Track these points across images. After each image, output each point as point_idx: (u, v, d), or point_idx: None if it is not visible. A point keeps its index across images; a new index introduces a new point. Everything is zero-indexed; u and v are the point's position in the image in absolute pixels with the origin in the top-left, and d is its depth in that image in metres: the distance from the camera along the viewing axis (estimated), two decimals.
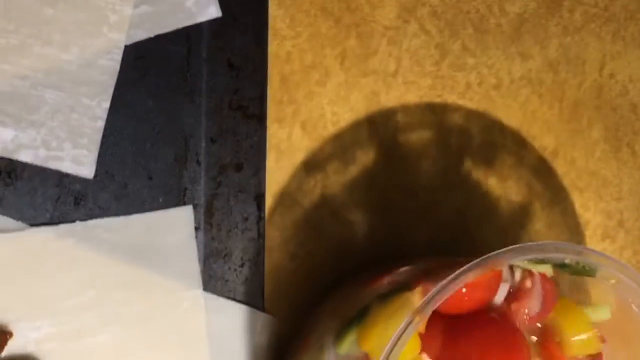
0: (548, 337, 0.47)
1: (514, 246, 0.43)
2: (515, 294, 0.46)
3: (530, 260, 0.46)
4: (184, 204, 0.50)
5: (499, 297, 0.46)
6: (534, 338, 0.47)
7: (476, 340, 0.45)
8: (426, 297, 0.41)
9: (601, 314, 0.47)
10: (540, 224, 0.57)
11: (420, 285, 0.44)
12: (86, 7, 0.48)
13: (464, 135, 0.55)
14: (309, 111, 0.53)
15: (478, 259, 0.42)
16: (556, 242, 0.46)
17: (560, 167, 0.57)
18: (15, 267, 0.48)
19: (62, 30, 0.48)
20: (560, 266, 0.46)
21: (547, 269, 0.47)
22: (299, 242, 0.52)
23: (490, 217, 0.56)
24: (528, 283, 0.46)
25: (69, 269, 0.48)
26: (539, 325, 0.47)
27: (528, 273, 0.46)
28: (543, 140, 0.57)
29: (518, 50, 0.56)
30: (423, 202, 0.54)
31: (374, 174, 0.54)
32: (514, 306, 0.46)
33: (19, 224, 0.48)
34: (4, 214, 0.48)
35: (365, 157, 0.53)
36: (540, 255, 0.44)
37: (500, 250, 0.42)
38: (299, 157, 0.53)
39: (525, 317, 0.46)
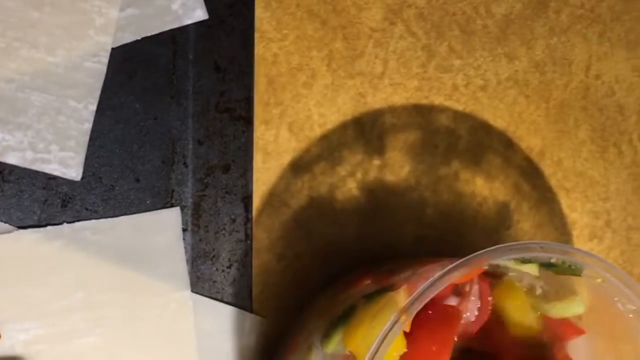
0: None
1: (499, 246, 0.43)
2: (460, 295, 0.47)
3: (516, 260, 0.46)
4: (172, 205, 0.50)
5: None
6: None
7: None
8: (412, 296, 0.41)
9: (575, 307, 0.47)
10: (527, 224, 0.57)
11: (405, 285, 0.44)
12: (72, 10, 0.48)
13: (451, 136, 0.56)
14: (296, 113, 0.53)
15: (463, 259, 0.42)
16: (542, 242, 0.46)
17: (547, 167, 0.57)
18: (3, 270, 0.48)
19: (48, 34, 0.48)
20: (546, 265, 0.47)
21: (533, 269, 0.47)
22: (287, 243, 0.53)
23: (477, 218, 0.56)
24: (467, 287, 0.46)
25: (57, 271, 0.48)
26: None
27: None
28: (530, 140, 0.57)
29: (504, 51, 0.57)
30: (410, 203, 0.55)
31: (361, 175, 0.54)
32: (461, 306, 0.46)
33: (6, 226, 0.48)
34: None
35: (352, 158, 0.54)
36: (526, 255, 0.44)
37: (485, 250, 0.43)
38: (286, 158, 0.53)
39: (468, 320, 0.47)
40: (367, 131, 0.54)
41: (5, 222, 0.48)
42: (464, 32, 0.56)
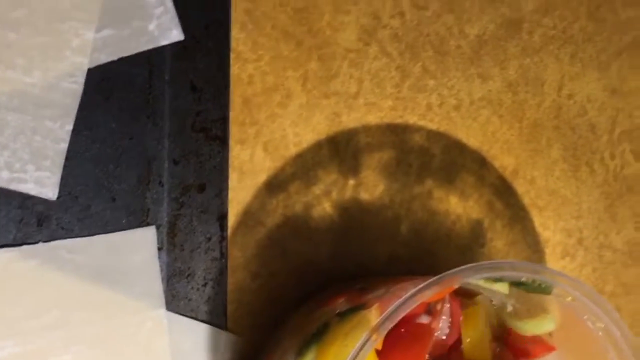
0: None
1: (470, 265, 0.43)
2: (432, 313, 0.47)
3: (487, 279, 0.47)
4: (147, 224, 0.51)
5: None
6: None
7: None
8: (383, 315, 0.42)
9: (546, 325, 0.48)
10: (500, 242, 0.57)
11: (377, 303, 0.44)
12: (48, 31, 0.49)
13: (425, 155, 0.56)
14: (271, 132, 0.53)
15: (434, 277, 0.43)
16: (512, 261, 0.46)
17: (520, 186, 0.58)
18: None
19: (24, 54, 0.48)
20: (516, 284, 0.47)
21: (504, 287, 0.48)
22: (262, 262, 0.53)
23: (450, 236, 0.56)
24: (438, 305, 0.47)
25: (33, 289, 0.48)
26: None
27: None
28: (503, 159, 0.58)
29: (478, 71, 0.57)
30: (384, 221, 0.55)
31: (335, 194, 0.54)
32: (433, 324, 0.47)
33: None
34: None
35: (326, 178, 0.54)
36: (496, 274, 0.45)
37: (456, 269, 0.43)
38: (262, 177, 0.53)
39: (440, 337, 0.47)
40: (341, 150, 0.55)
41: None
42: (438, 53, 0.57)
